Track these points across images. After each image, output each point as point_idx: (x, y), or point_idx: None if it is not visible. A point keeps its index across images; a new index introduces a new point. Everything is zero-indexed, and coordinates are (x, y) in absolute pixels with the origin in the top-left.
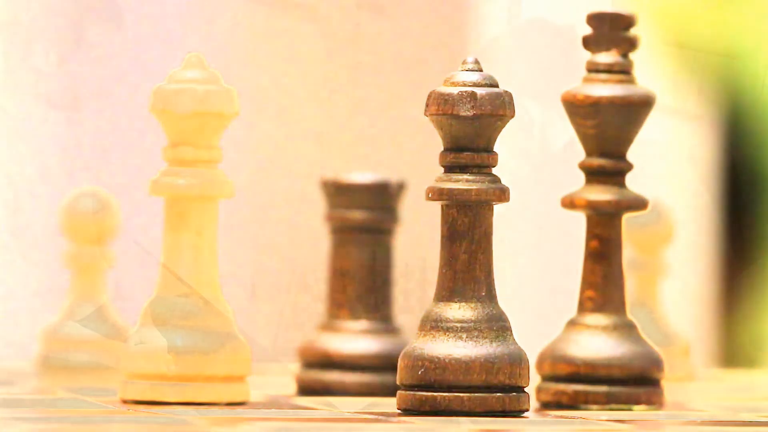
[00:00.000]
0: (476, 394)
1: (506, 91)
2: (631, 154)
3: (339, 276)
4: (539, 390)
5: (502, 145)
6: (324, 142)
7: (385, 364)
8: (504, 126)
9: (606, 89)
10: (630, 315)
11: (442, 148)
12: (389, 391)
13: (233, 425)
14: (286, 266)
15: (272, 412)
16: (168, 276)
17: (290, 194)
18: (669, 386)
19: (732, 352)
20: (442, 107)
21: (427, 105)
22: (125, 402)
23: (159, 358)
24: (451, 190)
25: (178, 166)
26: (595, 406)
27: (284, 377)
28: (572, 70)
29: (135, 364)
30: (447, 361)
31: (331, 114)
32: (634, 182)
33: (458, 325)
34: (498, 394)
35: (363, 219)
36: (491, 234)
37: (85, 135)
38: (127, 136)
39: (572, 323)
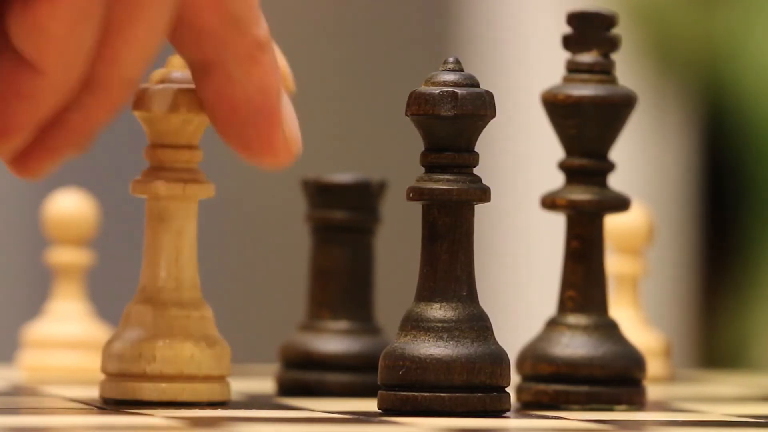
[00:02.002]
0: (457, 394)
1: (487, 91)
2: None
3: (320, 275)
4: (520, 390)
5: (483, 144)
6: (305, 142)
7: (366, 364)
8: (485, 126)
9: (587, 89)
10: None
11: (423, 148)
12: (370, 391)
13: (213, 426)
14: (267, 266)
15: (252, 412)
16: (149, 276)
17: (271, 194)
18: (650, 386)
19: (713, 353)
20: (422, 107)
21: (408, 105)
22: (106, 401)
23: (139, 358)
24: (431, 190)
25: (158, 166)
26: (576, 406)
27: (264, 377)
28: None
29: (115, 364)
30: (428, 361)
31: (313, 114)
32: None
33: (439, 325)
34: (479, 394)
35: (344, 219)
36: (472, 234)
37: None
38: (109, 136)
39: (553, 323)
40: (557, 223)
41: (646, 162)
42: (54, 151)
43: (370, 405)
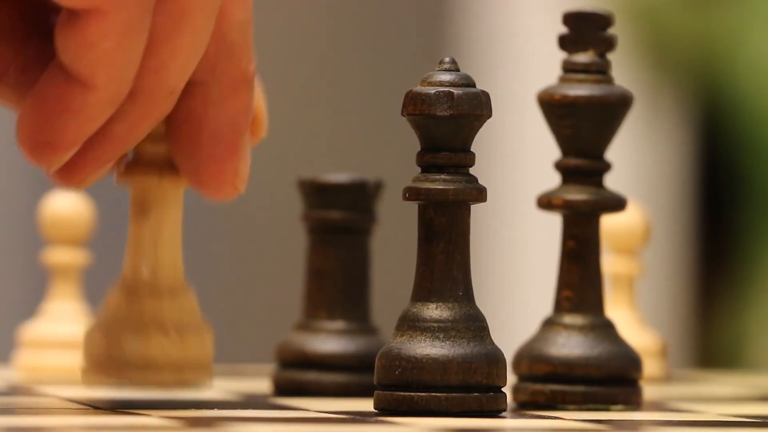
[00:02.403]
0: (453, 394)
1: (483, 91)
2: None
3: (316, 276)
4: (516, 390)
5: (479, 144)
6: (301, 142)
7: (362, 364)
8: (481, 126)
9: (583, 89)
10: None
11: (419, 148)
12: (367, 391)
13: (209, 425)
14: (264, 266)
15: (249, 412)
16: (127, 265)
17: (267, 194)
18: (646, 386)
19: (709, 353)
20: (419, 107)
21: (404, 105)
22: (86, 378)
23: (110, 347)
24: (428, 190)
25: (138, 157)
26: (572, 407)
27: (261, 377)
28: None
29: (89, 354)
30: (424, 361)
31: (309, 114)
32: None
33: (435, 324)
34: (475, 394)
35: (340, 219)
36: (468, 234)
37: None
38: None
39: (549, 323)
40: (553, 223)
41: (642, 162)
42: (97, 162)
43: (367, 405)
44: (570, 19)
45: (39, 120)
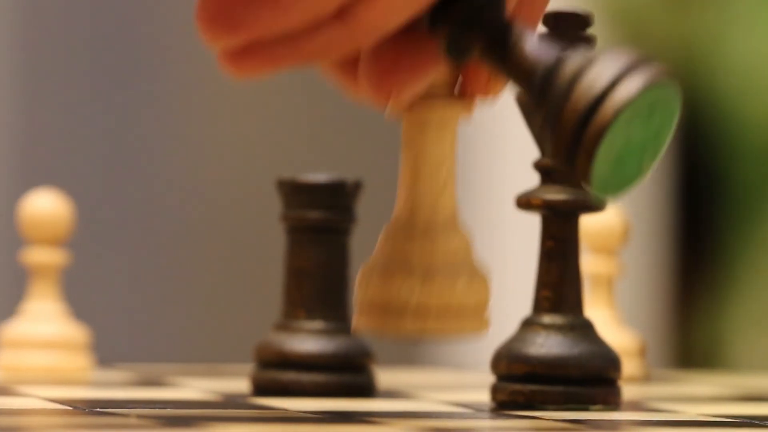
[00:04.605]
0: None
1: None
2: None
3: (295, 276)
4: (495, 390)
5: (460, 145)
6: (280, 142)
7: (341, 363)
8: None
9: None
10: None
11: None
12: (345, 390)
13: (188, 425)
14: (243, 265)
15: (227, 411)
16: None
17: (246, 194)
18: (625, 386)
19: (688, 352)
20: None
21: None
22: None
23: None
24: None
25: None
26: (551, 406)
27: (240, 377)
28: None
29: (373, 293)
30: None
31: (289, 114)
32: None
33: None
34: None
35: (319, 219)
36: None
37: (41, 134)
38: (88, 136)
39: (528, 323)
40: (532, 223)
41: None
42: (275, 62)
43: (346, 404)
44: (549, 18)
45: None
